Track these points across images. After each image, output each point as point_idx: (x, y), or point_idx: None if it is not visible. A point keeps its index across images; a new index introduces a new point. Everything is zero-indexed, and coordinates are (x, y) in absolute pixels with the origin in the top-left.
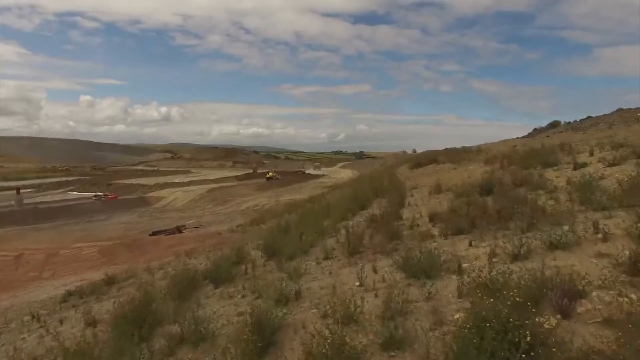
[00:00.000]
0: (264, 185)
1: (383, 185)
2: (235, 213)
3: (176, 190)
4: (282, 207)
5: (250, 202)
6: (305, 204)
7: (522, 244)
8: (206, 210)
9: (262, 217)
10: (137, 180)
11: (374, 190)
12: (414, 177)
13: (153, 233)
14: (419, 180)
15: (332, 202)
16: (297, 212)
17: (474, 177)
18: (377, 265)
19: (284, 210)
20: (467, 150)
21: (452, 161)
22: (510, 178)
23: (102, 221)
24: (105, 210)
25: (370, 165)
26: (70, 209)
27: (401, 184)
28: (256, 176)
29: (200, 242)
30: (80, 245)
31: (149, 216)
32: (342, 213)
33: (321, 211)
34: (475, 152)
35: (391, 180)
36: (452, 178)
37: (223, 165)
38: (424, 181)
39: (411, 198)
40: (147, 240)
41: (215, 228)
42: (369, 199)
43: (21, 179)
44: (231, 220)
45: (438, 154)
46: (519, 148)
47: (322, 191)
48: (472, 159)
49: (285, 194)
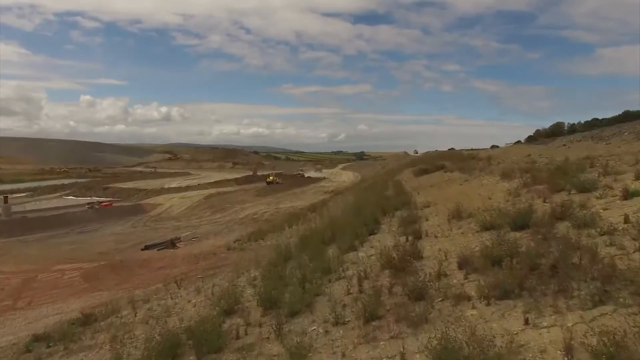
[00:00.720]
0: (263, 190)
1: (390, 200)
2: (234, 222)
3: (173, 197)
4: (282, 217)
5: (249, 209)
6: (305, 214)
7: (608, 330)
8: (203, 219)
9: (260, 231)
10: (134, 184)
11: (381, 206)
12: (422, 189)
13: (145, 247)
14: (429, 193)
15: (335, 217)
16: (298, 226)
17: (496, 197)
18: (405, 350)
19: (283, 221)
20: (474, 156)
21: (462, 170)
22: (544, 205)
23: (94, 232)
24: (99, 219)
25: (371, 166)
26: (61, 218)
27: (410, 198)
28: (256, 180)
29: (193, 264)
30: (62, 267)
31: (143, 226)
32: (348, 238)
33: (324, 232)
34: (486, 161)
35: (398, 193)
36: (468, 195)
37: (223, 166)
38: (435, 196)
39: (426, 222)
40: (136, 260)
41: (211, 241)
42: (376, 219)
43: (17, 182)
44: (229, 231)
45: (443, 158)
46: (536, 159)
47: (323, 197)
48: (483, 168)
49: (285, 200)
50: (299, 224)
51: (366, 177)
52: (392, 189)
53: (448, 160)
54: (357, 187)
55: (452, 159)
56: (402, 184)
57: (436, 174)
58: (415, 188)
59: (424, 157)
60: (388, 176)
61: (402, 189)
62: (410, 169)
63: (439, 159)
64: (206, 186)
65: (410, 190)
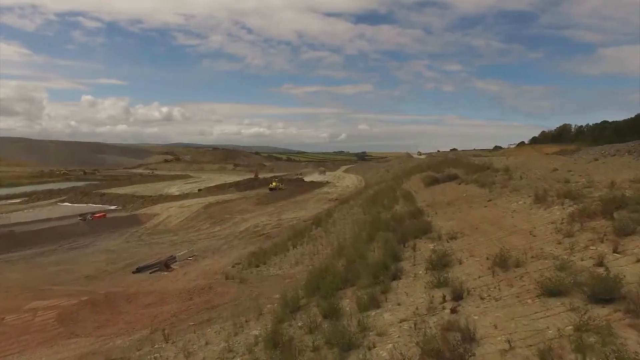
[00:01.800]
0: (265, 197)
1: (404, 221)
2: (233, 236)
3: (171, 206)
4: (285, 232)
5: (250, 220)
6: (310, 229)
7: None
8: (201, 232)
9: (262, 252)
10: (133, 188)
11: (395, 230)
12: (439, 207)
13: (137, 270)
14: (450, 215)
15: (344, 240)
16: (303, 245)
17: (539, 233)
18: None
19: (286, 239)
20: (488, 165)
21: (479, 183)
22: (616, 257)
23: (85, 248)
24: (91, 232)
25: (374, 169)
26: (50, 232)
27: (429, 222)
28: (257, 185)
29: (186, 300)
30: (35, 306)
31: (138, 240)
32: (366, 281)
33: (334, 267)
34: (504, 173)
35: (413, 213)
36: (500, 225)
37: (224, 168)
38: (459, 220)
39: (460, 267)
40: (123, 295)
41: (208, 262)
42: (395, 253)
43: (15, 185)
44: (228, 247)
45: (450, 163)
46: (567, 176)
47: (328, 205)
48: (504, 183)
49: (287, 209)
50: (304, 242)
51: (370, 182)
52: (402, 203)
53: (456, 167)
54: (363, 196)
55: (460, 166)
56: (413, 197)
57: (449, 185)
58: (430, 204)
59: (428, 160)
60: (394, 183)
61: (414, 203)
62: (418, 175)
63: (446, 164)
64: (206, 193)
65: (425, 206)
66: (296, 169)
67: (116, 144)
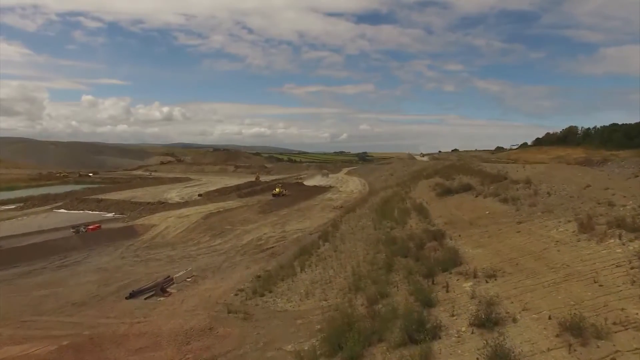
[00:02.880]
0: (267, 205)
1: (423, 245)
2: (235, 250)
3: (169, 216)
4: (290, 248)
5: (253, 232)
6: (317, 246)
7: None
8: (201, 246)
9: (268, 276)
10: (132, 193)
11: (417, 258)
12: (461, 227)
13: (131, 294)
14: (477, 240)
15: (356, 262)
16: (312, 267)
17: (606, 281)
18: None
19: (293, 257)
20: (504, 175)
21: (499, 196)
22: None
23: (76, 265)
24: (84, 246)
25: (377, 171)
26: (40, 247)
27: (454, 249)
28: (260, 190)
29: (182, 345)
30: (5, 355)
31: (134, 256)
32: (398, 338)
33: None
34: (527, 186)
35: (434, 234)
36: (547, 262)
37: (225, 170)
38: (492, 250)
39: (515, 329)
40: (110, 335)
41: (209, 286)
42: (425, 296)
43: (12, 189)
44: (230, 265)
45: (456, 169)
46: (608, 196)
47: (333, 214)
48: (532, 201)
49: (291, 219)
50: (312, 263)
51: (375, 187)
52: (416, 217)
53: (466, 173)
54: (369, 203)
55: (471, 173)
56: (427, 210)
57: (464, 197)
58: (449, 222)
59: (433, 164)
60: (401, 189)
61: (430, 219)
62: (425, 181)
63: (455, 170)
64: (206, 201)
65: (444, 225)
66: (297, 171)
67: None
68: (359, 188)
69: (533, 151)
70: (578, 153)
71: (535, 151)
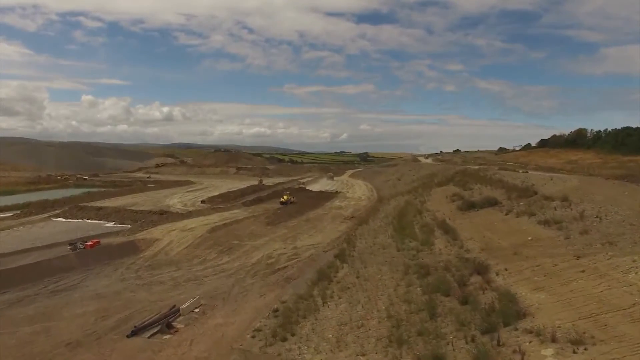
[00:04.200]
0: (275, 215)
1: (465, 282)
2: (245, 271)
3: (172, 229)
4: (305, 269)
5: (262, 248)
6: (336, 268)
7: None
8: (207, 264)
9: (287, 315)
10: (132, 199)
11: (462, 299)
12: (502, 256)
13: (133, 332)
14: (524, 272)
15: (387, 297)
16: (334, 297)
17: None
18: None
19: (311, 284)
20: (531, 188)
21: (540, 219)
22: None
23: (71, 290)
24: (81, 266)
25: (383, 175)
26: (34, 269)
27: (510, 294)
28: (266, 198)
29: None
30: None
31: (135, 277)
32: None
33: None
34: (567, 205)
35: (476, 266)
36: None
37: (226, 172)
38: (554, 293)
39: None
40: None
41: (219, 320)
42: None
43: (10, 193)
44: (240, 291)
45: (476, 178)
46: None
47: (344, 225)
48: (585, 227)
49: (301, 232)
50: (334, 294)
51: (384, 193)
52: (441, 236)
53: (484, 183)
54: (382, 214)
55: (490, 183)
56: (454, 230)
57: (492, 214)
58: (485, 248)
59: (441, 168)
60: (414, 197)
61: (461, 243)
62: (439, 189)
63: (471, 178)
64: (210, 210)
65: (480, 252)
66: (299, 172)
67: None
68: (367, 194)
69: (540, 154)
70: (591, 157)
71: (543, 154)
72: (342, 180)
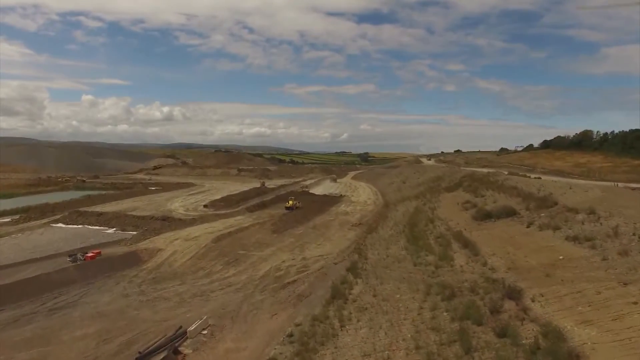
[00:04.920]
0: (280, 222)
1: (500, 316)
2: (253, 285)
3: (176, 238)
4: (317, 286)
5: (270, 259)
6: (351, 284)
7: None
8: (213, 277)
9: (303, 341)
10: (133, 203)
11: (501, 334)
12: (534, 277)
13: (138, 359)
14: (565, 300)
15: (413, 324)
16: (352, 320)
17: None
18: None
19: (325, 303)
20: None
21: (567, 234)
22: None
23: (71, 308)
24: (82, 279)
25: (386, 177)
26: (32, 283)
27: (556, 331)
28: (269, 203)
29: None
30: None
31: (138, 292)
32: None
33: None
34: (594, 218)
35: (502, 287)
36: None
37: (227, 173)
38: (608, 331)
39: None
40: None
41: (229, 344)
42: None
43: (10, 196)
44: (251, 311)
45: (486, 184)
46: None
47: (352, 233)
48: (619, 245)
49: (308, 240)
50: (351, 313)
51: (390, 197)
52: (460, 250)
53: (495, 189)
54: (391, 221)
55: (502, 189)
56: (473, 244)
57: (512, 226)
58: (512, 267)
59: (447, 171)
60: (422, 203)
61: (483, 259)
62: (448, 195)
63: (480, 184)
64: (214, 217)
65: (507, 271)
66: (301, 173)
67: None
68: (372, 198)
69: (545, 156)
70: (599, 161)
71: (549, 156)
72: (345, 183)
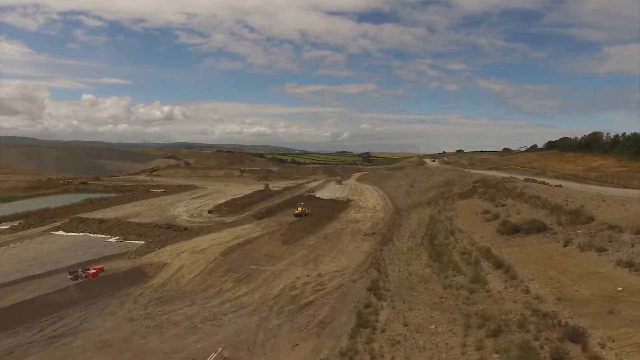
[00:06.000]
0: (290, 230)
1: None
2: (267, 306)
3: (182, 250)
4: (338, 310)
5: (283, 275)
6: (376, 310)
7: None
8: (224, 296)
9: None
10: (135, 208)
11: None
12: (592, 313)
13: None
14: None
15: None
16: (382, 355)
17: None
18: None
19: (351, 333)
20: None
21: (620, 259)
22: None
23: (71, 336)
24: (83, 299)
25: (392, 180)
26: (29, 306)
27: None
28: (276, 209)
29: None
30: None
31: (144, 315)
32: None
33: None
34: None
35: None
36: None
37: (230, 174)
38: None
39: None
40: None
41: None
42: None
43: (9, 200)
44: (268, 339)
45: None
46: None
47: (367, 244)
48: None
49: (322, 253)
50: (383, 348)
51: (399, 203)
52: (496, 274)
53: (515, 198)
54: (406, 230)
55: (521, 198)
56: (511, 268)
57: (549, 246)
58: (565, 299)
59: (456, 174)
60: (437, 211)
61: (524, 285)
62: (463, 202)
63: (496, 190)
64: (220, 226)
65: (556, 302)
66: (303, 174)
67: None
68: (381, 203)
69: (554, 158)
70: (613, 164)
71: (557, 158)
72: (350, 185)
